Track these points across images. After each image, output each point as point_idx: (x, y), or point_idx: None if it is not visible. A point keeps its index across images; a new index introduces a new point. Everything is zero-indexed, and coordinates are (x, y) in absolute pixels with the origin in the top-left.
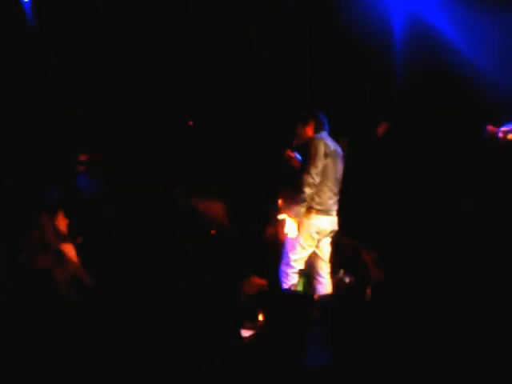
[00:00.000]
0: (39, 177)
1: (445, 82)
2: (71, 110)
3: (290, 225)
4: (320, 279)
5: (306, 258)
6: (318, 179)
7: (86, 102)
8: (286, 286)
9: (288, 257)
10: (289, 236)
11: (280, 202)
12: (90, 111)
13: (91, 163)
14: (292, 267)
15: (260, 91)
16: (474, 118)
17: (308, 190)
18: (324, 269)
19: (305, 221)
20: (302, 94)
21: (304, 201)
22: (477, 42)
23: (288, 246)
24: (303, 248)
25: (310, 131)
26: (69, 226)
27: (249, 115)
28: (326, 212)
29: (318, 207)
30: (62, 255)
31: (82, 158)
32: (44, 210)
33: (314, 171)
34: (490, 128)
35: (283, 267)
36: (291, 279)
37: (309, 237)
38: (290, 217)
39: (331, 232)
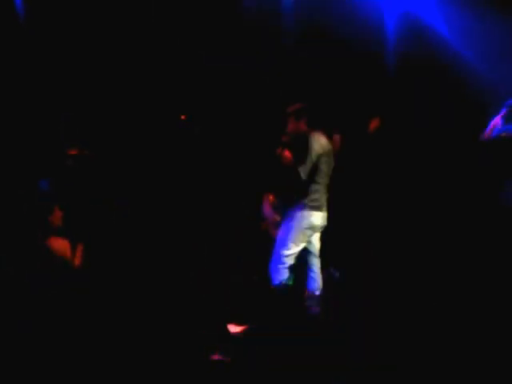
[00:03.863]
0: (29, 171)
1: (438, 78)
2: (62, 105)
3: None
4: (312, 274)
5: (296, 254)
6: (308, 176)
7: (77, 97)
8: (276, 281)
9: (279, 252)
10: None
11: (271, 198)
12: (81, 107)
13: (80, 158)
14: (283, 263)
15: (252, 87)
16: (467, 116)
17: (302, 188)
18: (316, 264)
19: (298, 217)
20: (294, 91)
21: (300, 198)
22: (471, 39)
23: (279, 241)
24: (295, 244)
25: (303, 126)
26: (64, 220)
27: (241, 112)
28: (319, 208)
29: (312, 204)
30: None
31: (72, 152)
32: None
33: (303, 169)
34: (487, 132)
35: (274, 263)
36: (282, 275)
37: (301, 233)
38: (284, 215)
39: (322, 227)
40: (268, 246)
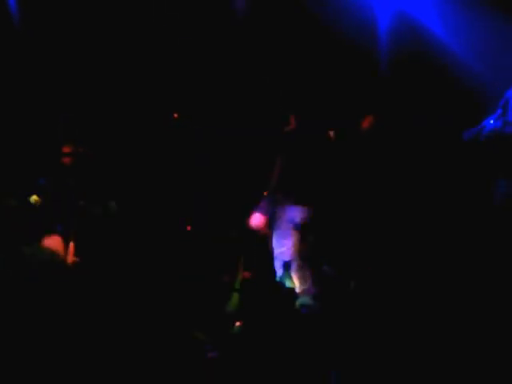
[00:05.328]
0: (24, 169)
1: (432, 77)
2: (57, 103)
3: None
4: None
5: (290, 250)
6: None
7: (72, 95)
8: (275, 279)
9: (274, 250)
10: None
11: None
12: (76, 104)
13: (75, 156)
14: (278, 260)
15: (244, 88)
16: (461, 115)
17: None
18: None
19: (281, 213)
20: (285, 90)
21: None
22: (464, 39)
23: (273, 239)
24: (283, 240)
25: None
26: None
27: (234, 111)
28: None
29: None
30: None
31: (66, 149)
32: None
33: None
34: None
35: (274, 261)
36: (278, 272)
37: (286, 229)
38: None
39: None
40: (260, 244)
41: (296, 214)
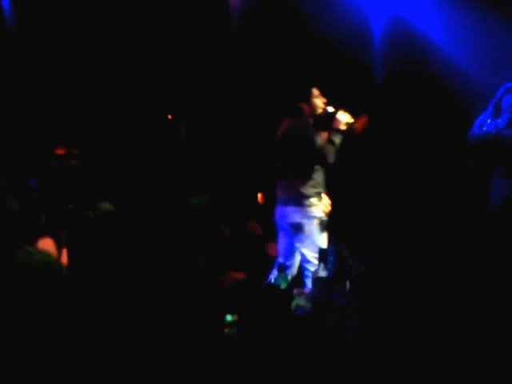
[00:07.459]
0: (15, 171)
1: (425, 78)
2: (49, 102)
3: None
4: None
5: (288, 252)
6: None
7: (65, 95)
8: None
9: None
10: None
11: (260, 196)
12: (69, 104)
13: (69, 158)
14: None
15: (240, 88)
16: (456, 117)
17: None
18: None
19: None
20: (281, 91)
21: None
22: (458, 41)
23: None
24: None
25: None
26: (46, 219)
27: (229, 112)
28: (280, 202)
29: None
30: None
31: (59, 151)
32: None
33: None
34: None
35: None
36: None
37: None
38: None
39: (292, 224)
40: (254, 246)
41: (293, 214)
